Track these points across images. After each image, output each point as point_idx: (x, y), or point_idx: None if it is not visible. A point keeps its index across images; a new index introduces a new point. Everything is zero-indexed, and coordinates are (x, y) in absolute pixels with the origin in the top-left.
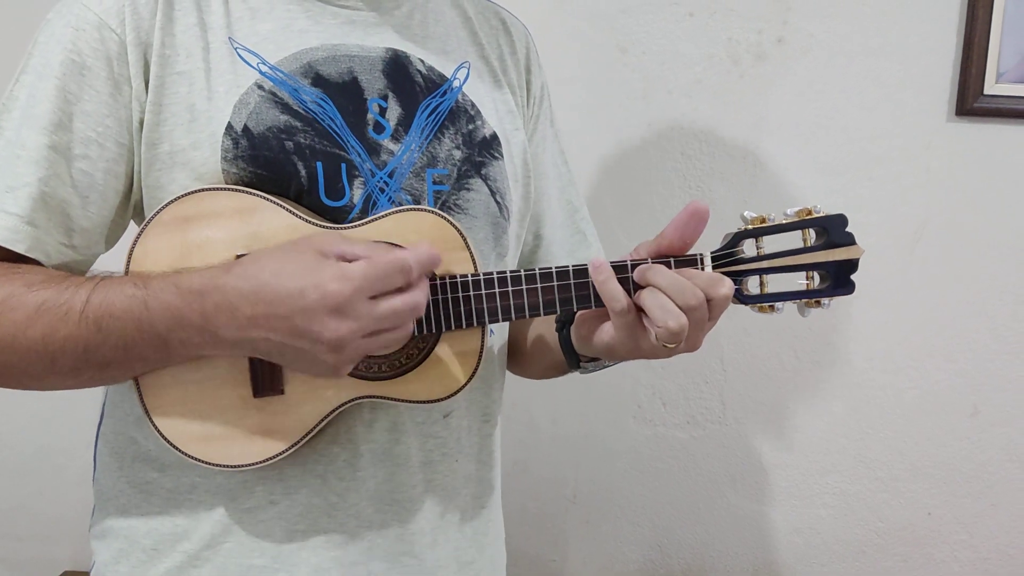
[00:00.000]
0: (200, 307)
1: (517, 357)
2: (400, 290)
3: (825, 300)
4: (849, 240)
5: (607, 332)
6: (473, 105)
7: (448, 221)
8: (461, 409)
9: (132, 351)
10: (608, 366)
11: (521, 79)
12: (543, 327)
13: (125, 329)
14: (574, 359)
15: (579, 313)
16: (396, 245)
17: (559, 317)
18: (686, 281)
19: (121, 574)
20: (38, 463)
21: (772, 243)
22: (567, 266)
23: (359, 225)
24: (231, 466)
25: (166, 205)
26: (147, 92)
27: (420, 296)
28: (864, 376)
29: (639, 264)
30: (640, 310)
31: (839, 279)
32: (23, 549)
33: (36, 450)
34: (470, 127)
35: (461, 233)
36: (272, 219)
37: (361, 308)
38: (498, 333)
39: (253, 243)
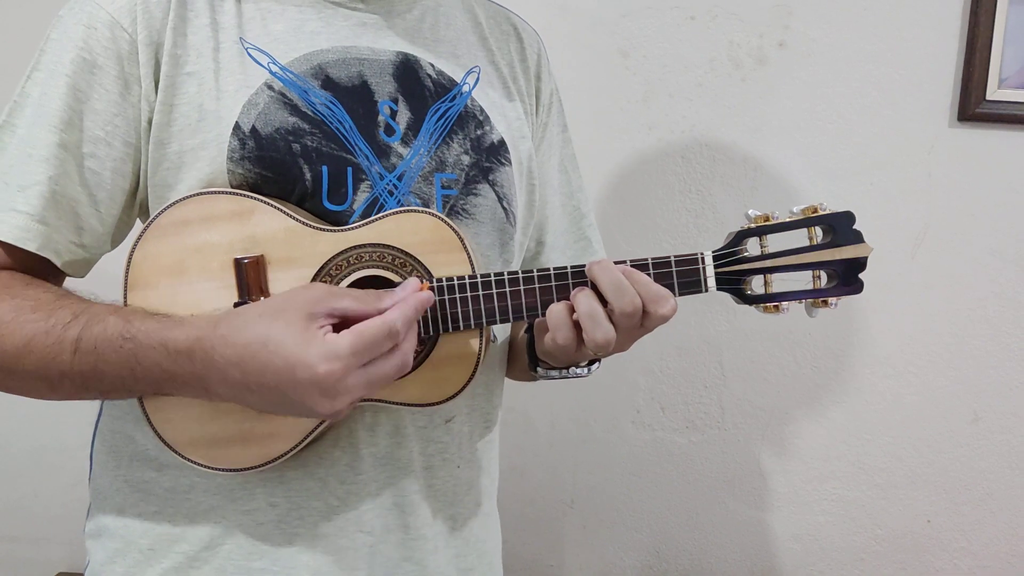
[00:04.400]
0: (190, 368)
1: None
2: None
3: (833, 300)
4: (857, 238)
5: (549, 338)
6: (482, 111)
7: (445, 223)
8: (463, 415)
9: (131, 387)
10: (561, 377)
11: (531, 86)
12: (519, 329)
13: (120, 375)
14: (533, 361)
15: (538, 319)
16: (385, 288)
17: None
18: (628, 286)
19: (116, 575)
20: (33, 463)
21: (777, 242)
22: (565, 267)
23: (359, 227)
24: (231, 470)
25: (164, 209)
26: (157, 92)
27: (408, 351)
28: (864, 382)
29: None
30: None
31: (847, 278)
32: (17, 550)
33: (31, 450)
34: (478, 132)
35: (459, 235)
36: (269, 222)
37: (351, 382)
38: (501, 338)
39: (251, 246)
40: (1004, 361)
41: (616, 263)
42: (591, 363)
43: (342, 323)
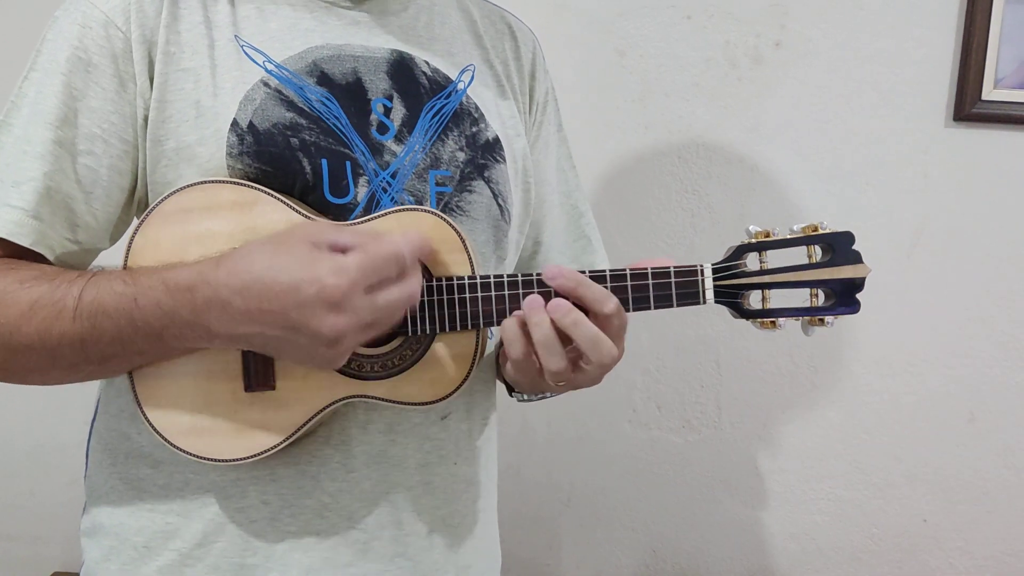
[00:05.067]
0: (190, 303)
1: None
2: (395, 278)
3: (829, 318)
4: (856, 258)
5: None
6: (477, 108)
7: (447, 222)
8: (460, 412)
9: (129, 346)
10: (540, 398)
11: (525, 85)
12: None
13: (119, 326)
14: (507, 386)
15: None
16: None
17: (498, 342)
18: (604, 341)
19: (112, 572)
20: (29, 462)
21: (777, 258)
22: None
23: (358, 223)
24: (220, 460)
25: (168, 196)
26: (152, 89)
27: (415, 284)
28: (860, 381)
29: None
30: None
31: (844, 297)
32: (13, 549)
33: (27, 449)
34: (473, 130)
35: (460, 235)
36: (271, 213)
37: (358, 302)
38: (497, 337)
39: (251, 237)
40: (1000, 361)
41: (613, 272)
42: None
43: None
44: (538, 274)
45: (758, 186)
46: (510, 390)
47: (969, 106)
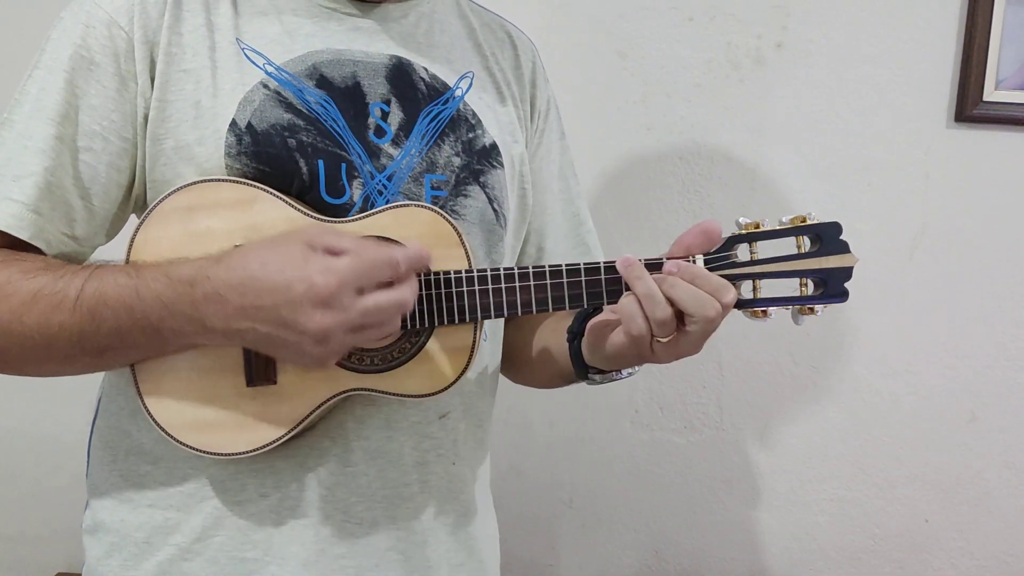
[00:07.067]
0: (190, 297)
1: (519, 365)
2: (388, 285)
3: (818, 307)
4: (843, 248)
5: (617, 336)
6: (474, 114)
7: (444, 218)
8: (458, 412)
9: (126, 339)
10: (617, 379)
11: (525, 93)
12: (550, 336)
13: (118, 318)
14: (583, 370)
15: (592, 322)
16: (388, 239)
17: (571, 328)
18: (706, 296)
19: (113, 568)
20: (31, 463)
21: (768, 250)
22: (560, 265)
23: (356, 219)
24: (222, 454)
25: (169, 195)
26: (152, 89)
27: (407, 292)
28: (862, 382)
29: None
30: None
31: (832, 287)
32: (15, 550)
33: (29, 450)
34: (470, 135)
35: (456, 230)
36: (271, 210)
37: (346, 301)
38: (492, 339)
39: (252, 234)
40: (1000, 361)
41: (607, 264)
42: None
43: None
44: (535, 267)
45: (759, 187)
46: (583, 375)
47: (970, 107)
